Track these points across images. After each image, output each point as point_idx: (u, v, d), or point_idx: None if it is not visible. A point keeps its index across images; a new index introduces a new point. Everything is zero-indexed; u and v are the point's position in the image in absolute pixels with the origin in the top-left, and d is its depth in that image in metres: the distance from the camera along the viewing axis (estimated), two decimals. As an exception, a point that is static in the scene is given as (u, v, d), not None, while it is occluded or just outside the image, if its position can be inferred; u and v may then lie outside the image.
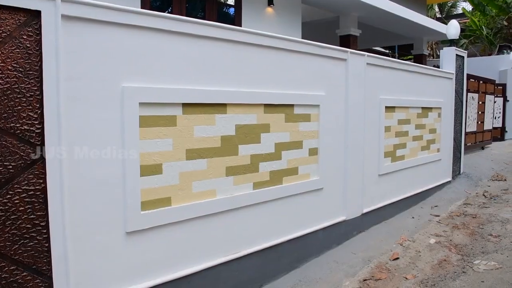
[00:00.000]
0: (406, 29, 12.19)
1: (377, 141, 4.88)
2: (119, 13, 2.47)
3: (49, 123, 2.20)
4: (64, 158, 2.25)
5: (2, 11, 2.06)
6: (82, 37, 2.34)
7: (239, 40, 3.13)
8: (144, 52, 2.62)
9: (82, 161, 2.36)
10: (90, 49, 2.38)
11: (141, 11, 2.59)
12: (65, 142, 2.26)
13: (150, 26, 2.62)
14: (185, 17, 2.86)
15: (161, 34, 2.69)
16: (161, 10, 6.66)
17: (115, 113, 2.49)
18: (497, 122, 12.51)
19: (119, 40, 2.50)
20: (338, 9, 9.75)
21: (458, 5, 25.19)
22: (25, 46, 2.14)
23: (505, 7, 18.57)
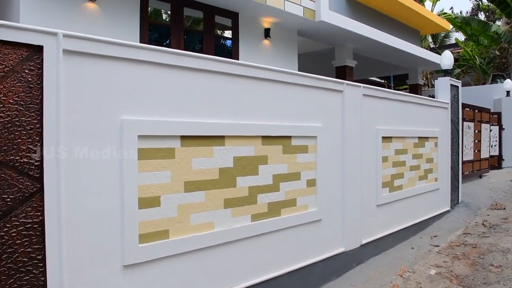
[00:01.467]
0: (401, 59, 12.40)
1: (374, 172, 4.89)
2: (119, 48, 2.52)
3: (48, 154, 2.21)
4: (62, 190, 2.25)
5: (6, 46, 2.10)
6: (83, 71, 2.38)
7: (237, 73, 3.18)
8: (143, 85, 2.66)
9: (80, 193, 2.36)
10: (90, 82, 2.42)
11: (140, 46, 2.64)
12: (64, 174, 2.26)
13: (149, 60, 2.67)
14: (183, 51, 2.91)
15: (159, 68, 2.73)
16: (159, 42, 6.78)
17: (114, 146, 2.51)
18: (494, 150, 12.57)
19: (119, 73, 2.54)
20: (334, 41, 9.94)
21: (451, 36, 25.67)
22: (27, 80, 2.17)
23: (497, 37, 18.96)
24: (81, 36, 2.35)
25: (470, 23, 19.18)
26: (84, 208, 2.38)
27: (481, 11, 28.13)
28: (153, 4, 6.53)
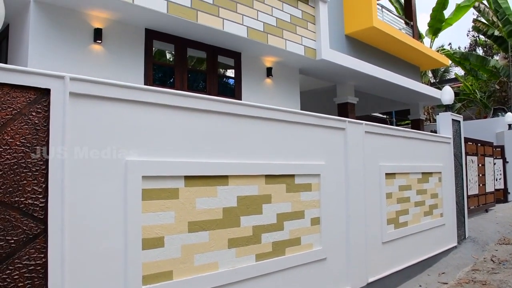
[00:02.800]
0: (402, 95, 12.54)
1: (378, 208, 4.87)
2: (124, 90, 2.57)
3: (53, 197, 2.22)
4: (66, 231, 2.25)
5: (14, 89, 2.15)
6: (88, 113, 2.42)
7: (240, 113, 3.23)
8: (147, 126, 2.69)
9: (84, 234, 2.36)
10: (96, 124, 2.45)
11: (144, 88, 2.70)
12: (68, 215, 2.27)
13: (153, 101, 2.72)
14: (186, 92, 2.97)
15: (163, 109, 2.78)
16: (163, 82, 6.91)
17: (118, 187, 2.52)
18: (499, 184, 12.49)
19: (124, 115, 2.58)
20: (335, 78, 10.10)
21: (451, 70, 26.00)
22: (34, 122, 2.21)
23: (496, 72, 19.21)
24: (87, 79, 2.41)
25: (469, 58, 19.48)
26: (88, 249, 2.37)
27: (478, 46, 28.63)
28: (157, 45, 6.69)
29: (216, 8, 6.38)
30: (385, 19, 11.01)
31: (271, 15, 7.29)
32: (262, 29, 7.08)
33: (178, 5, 5.92)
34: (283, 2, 7.56)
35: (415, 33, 12.79)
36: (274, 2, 7.38)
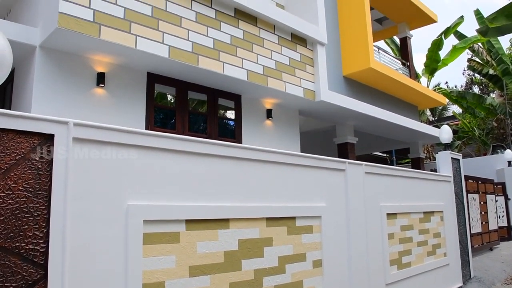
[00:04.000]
0: (401, 134, 12.63)
1: (381, 249, 4.82)
2: (126, 135, 2.62)
3: (54, 242, 2.22)
4: (66, 277, 2.24)
5: (19, 135, 2.19)
6: (91, 158, 2.46)
7: (241, 157, 3.27)
8: (148, 170, 2.72)
9: (84, 279, 2.34)
10: (98, 168, 2.49)
11: (145, 132, 2.75)
12: (68, 260, 2.26)
13: (154, 146, 2.76)
14: (186, 136, 3.02)
15: (165, 153, 2.82)
16: (165, 124, 6.99)
17: (119, 231, 2.52)
18: (502, 221, 12.38)
19: (126, 159, 2.61)
20: (334, 119, 10.21)
21: (448, 108, 26.29)
22: (37, 167, 2.24)
23: (492, 109, 19.42)
24: (90, 125, 2.46)
25: (466, 97, 19.74)
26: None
27: (474, 84, 29.06)
28: (159, 88, 6.82)
29: (217, 52, 6.55)
30: (382, 60, 11.24)
31: (271, 58, 7.46)
32: (262, 72, 7.24)
33: (180, 49, 6.08)
34: (282, 46, 7.76)
35: (412, 73, 13.02)
36: (273, 46, 7.57)
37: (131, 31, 5.63)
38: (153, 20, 5.89)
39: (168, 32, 6.01)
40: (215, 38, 6.59)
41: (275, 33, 7.69)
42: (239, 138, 7.65)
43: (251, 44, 7.16)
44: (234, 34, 6.91)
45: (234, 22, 6.96)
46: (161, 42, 5.91)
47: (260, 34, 7.38)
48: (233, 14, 6.97)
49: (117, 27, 5.49)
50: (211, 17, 6.63)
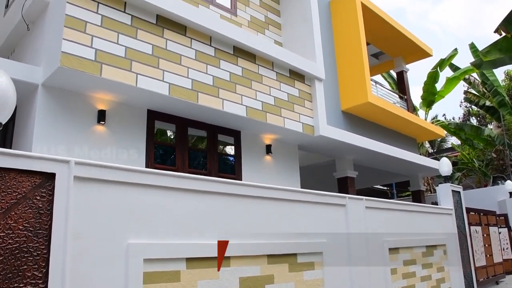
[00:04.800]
0: (401, 167, 12.64)
1: (384, 285, 4.76)
2: (127, 173, 2.64)
3: (54, 282, 2.20)
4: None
5: (20, 174, 2.21)
6: (91, 196, 2.47)
7: (241, 194, 3.28)
8: (149, 208, 2.73)
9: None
10: (98, 207, 2.49)
11: (145, 170, 2.77)
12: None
13: (154, 184, 2.77)
14: (186, 174, 3.03)
15: (165, 191, 2.83)
16: (165, 160, 7.01)
17: (120, 271, 2.51)
18: (507, 253, 12.21)
19: (126, 197, 2.62)
20: (334, 153, 10.24)
21: (447, 140, 26.39)
22: (37, 206, 2.24)
23: (491, 140, 19.50)
24: (91, 163, 2.48)
25: (464, 129, 19.86)
26: None
27: (472, 116, 29.28)
28: (159, 125, 6.87)
29: (216, 89, 6.65)
30: (380, 94, 11.38)
31: (269, 94, 7.57)
32: (261, 108, 7.32)
33: (180, 87, 6.18)
34: (280, 82, 7.88)
35: (410, 106, 13.15)
36: (271, 82, 7.70)
37: (132, 69, 5.74)
38: (154, 58, 6.01)
39: (168, 70, 6.12)
40: (215, 76, 6.71)
41: (274, 70, 7.83)
42: (239, 174, 7.66)
43: (250, 80, 7.28)
44: (233, 71, 7.04)
45: (233, 60, 7.10)
46: (161, 79, 6.01)
47: (259, 71, 7.52)
48: (232, 51, 7.12)
49: (118, 66, 5.60)
50: (211, 55, 6.77)
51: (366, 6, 10.52)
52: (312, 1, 8.93)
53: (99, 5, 5.66)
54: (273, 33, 9.07)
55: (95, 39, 5.48)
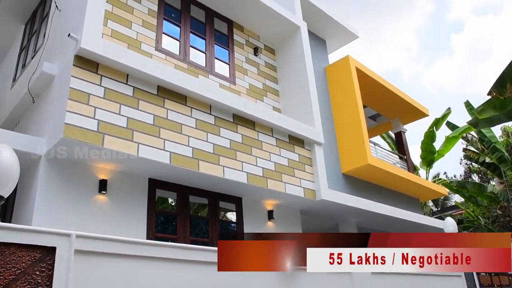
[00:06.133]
0: (405, 228, 12.44)
1: None
2: (128, 245, 2.62)
3: None
4: None
5: (20, 249, 2.18)
6: (92, 270, 2.44)
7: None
8: (151, 280, 2.67)
9: None
10: (99, 280, 2.44)
11: (147, 242, 2.76)
12: None
13: (156, 255, 2.74)
14: (187, 244, 3.01)
15: (166, 262, 2.79)
16: (165, 228, 6.95)
17: None
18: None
19: (127, 270, 2.59)
20: (336, 216, 10.15)
21: (451, 198, 26.16)
22: (36, 282, 2.20)
23: (495, 197, 19.34)
24: (93, 236, 2.47)
25: (466, 186, 19.76)
26: None
27: (473, 173, 29.21)
28: (160, 193, 6.87)
29: (217, 156, 6.72)
30: (379, 155, 11.47)
31: (270, 160, 7.62)
32: (262, 174, 7.35)
33: (180, 155, 6.24)
34: (280, 148, 7.97)
35: (410, 166, 13.19)
36: (271, 148, 7.78)
37: (133, 139, 5.83)
38: (155, 128, 6.13)
39: (169, 139, 6.22)
40: (215, 143, 6.80)
41: (273, 136, 7.95)
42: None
43: (250, 147, 7.37)
44: (233, 138, 7.15)
45: (233, 127, 7.23)
46: (162, 148, 6.09)
47: (259, 137, 7.63)
48: (231, 119, 7.27)
49: (120, 136, 5.70)
50: (211, 123, 6.90)
51: (361, 71, 10.86)
52: (308, 68, 9.24)
53: (102, 77, 5.87)
54: (271, 100, 9.30)
55: (98, 110, 5.63)
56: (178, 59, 7.71)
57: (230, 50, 8.89)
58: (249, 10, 9.01)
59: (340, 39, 12.27)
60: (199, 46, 8.32)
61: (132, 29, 7.19)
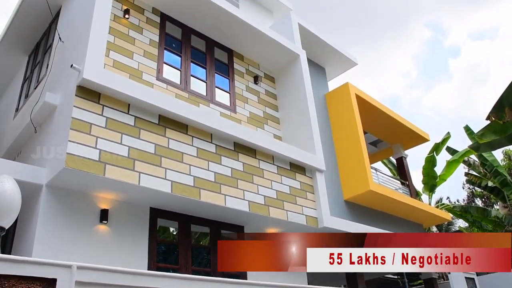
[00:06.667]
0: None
1: None
2: (130, 276, 2.59)
3: None
4: None
5: (21, 281, 2.16)
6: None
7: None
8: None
9: None
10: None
11: (150, 273, 2.74)
12: None
13: (158, 287, 2.70)
14: (190, 275, 2.97)
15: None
16: (167, 257, 6.89)
17: None
18: None
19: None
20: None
21: (455, 223, 25.90)
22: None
23: (499, 221, 19.15)
24: (94, 268, 2.45)
25: (470, 211, 19.60)
26: None
27: (476, 197, 29.02)
28: (162, 223, 6.83)
29: (218, 185, 6.70)
30: (381, 181, 11.42)
31: (271, 188, 7.60)
32: (263, 202, 7.31)
33: (182, 184, 6.23)
34: (281, 175, 7.95)
35: (412, 192, 13.11)
36: (273, 176, 7.77)
37: (135, 169, 5.84)
38: (156, 157, 6.15)
39: (170, 167, 6.23)
40: (216, 172, 6.80)
41: (274, 164, 7.94)
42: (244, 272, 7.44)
43: (251, 175, 7.36)
44: (234, 166, 7.15)
45: (234, 156, 7.24)
46: (163, 177, 6.09)
47: (260, 165, 7.63)
48: (232, 148, 7.29)
49: (121, 165, 5.71)
50: (212, 151, 6.92)
51: (361, 97, 10.94)
52: (308, 95, 9.31)
53: (104, 107, 5.93)
54: (272, 127, 9.33)
55: (99, 140, 5.66)
56: (179, 88, 7.79)
57: (230, 78, 8.99)
58: (249, 39, 9.16)
59: (339, 67, 12.42)
60: (199, 75, 8.42)
61: (134, 59, 7.30)
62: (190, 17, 8.46)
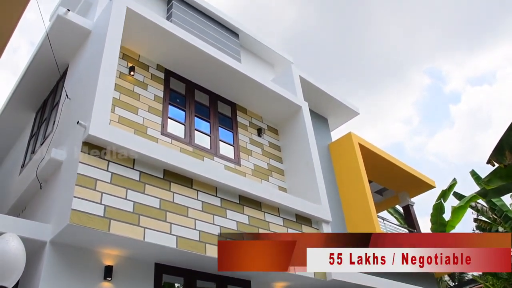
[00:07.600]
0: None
1: None
2: None
3: None
4: None
5: None
6: None
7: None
8: None
9: None
10: None
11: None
12: None
13: None
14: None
15: None
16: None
17: None
18: None
19: None
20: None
21: (467, 273, 25.23)
22: None
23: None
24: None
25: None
26: None
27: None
28: (167, 279, 6.69)
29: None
30: (388, 230, 11.28)
31: (277, 240, 7.51)
32: (269, 254, 7.20)
33: (187, 239, 6.16)
34: (287, 227, 7.84)
35: (421, 240, 12.89)
36: (279, 228, 7.64)
37: (140, 224, 5.81)
38: (161, 212, 6.12)
39: (175, 222, 6.18)
40: (222, 225, 6.74)
41: (280, 216, 7.88)
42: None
43: (257, 228, 7.29)
44: (240, 220, 7.09)
45: (239, 209, 7.20)
46: (168, 232, 6.03)
47: (265, 218, 7.57)
48: (237, 201, 7.27)
49: (126, 221, 5.69)
50: (217, 205, 6.90)
51: (364, 146, 11.01)
52: (312, 146, 9.36)
53: (109, 163, 5.98)
54: (276, 179, 9.32)
55: (104, 195, 5.67)
56: (183, 143, 7.88)
57: (234, 132, 9.10)
58: (251, 92, 9.35)
59: (342, 116, 12.59)
60: (203, 129, 8.54)
61: (139, 115, 7.44)
62: (194, 73, 8.70)
